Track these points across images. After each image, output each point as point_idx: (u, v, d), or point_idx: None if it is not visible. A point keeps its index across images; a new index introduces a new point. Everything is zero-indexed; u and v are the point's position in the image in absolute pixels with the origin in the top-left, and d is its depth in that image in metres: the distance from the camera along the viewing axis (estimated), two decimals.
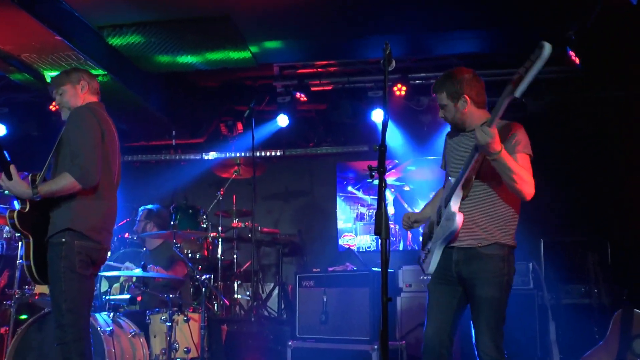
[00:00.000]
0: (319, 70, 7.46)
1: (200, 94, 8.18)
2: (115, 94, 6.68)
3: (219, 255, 6.86)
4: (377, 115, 7.36)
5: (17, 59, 6.11)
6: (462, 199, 3.31)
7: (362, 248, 7.91)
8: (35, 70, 6.31)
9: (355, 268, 5.85)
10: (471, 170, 3.24)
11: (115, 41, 6.25)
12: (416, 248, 7.64)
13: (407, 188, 7.84)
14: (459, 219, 3.25)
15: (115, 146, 3.85)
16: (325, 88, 7.59)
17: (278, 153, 8.29)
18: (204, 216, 6.81)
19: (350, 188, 8.13)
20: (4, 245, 6.23)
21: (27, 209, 3.65)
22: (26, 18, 5.22)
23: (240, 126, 8.13)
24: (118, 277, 5.82)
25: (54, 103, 7.90)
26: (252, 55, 6.51)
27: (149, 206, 6.19)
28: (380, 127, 3.05)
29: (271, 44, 6.46)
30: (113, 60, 6.38)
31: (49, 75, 6.33)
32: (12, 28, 5.43)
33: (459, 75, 3.38)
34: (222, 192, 7.14)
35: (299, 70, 7.46)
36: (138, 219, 6.17)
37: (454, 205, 3.28)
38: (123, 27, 6.05)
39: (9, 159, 3.61)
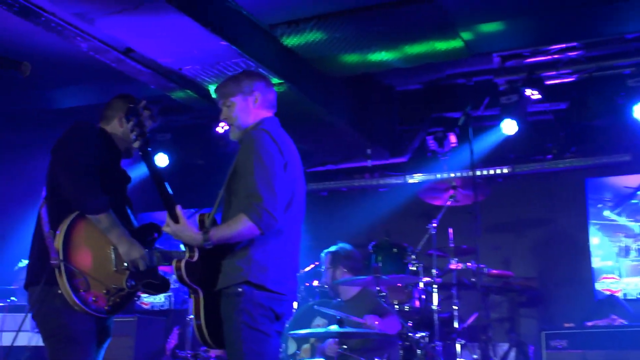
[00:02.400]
0: (554, 57, 7.25)
1: (399, 101, 8.26)
2: (294, 106, 6.84)
3: (434, 307, 6.70)
4: None
5: (177, 74, 6.46)
6: None
7: (631, 295, 7.70)
8: (199, 86, 6.64)
9: (624, 322, 5.68)
10: None
11: (291, 41, 6.40)
12: None
13: None
14: None
15: (298, 174, 3.92)
16: (565, 80, 7.50)
17: (505, 170, 8.29)
18: (413, 256, 6.73)
19: (607, 213, 8.01)
20: (172, 299, 6.53)
21: (195, 258, 3.74)
22: (186, 22, 5.46)
23: (453, 138, 8.10)
24: (307, 336, 5.90)
25: (221, 124, 8.33)
26: (465, 43, 6.51)
27: (332, 248, 6.31)
28: None
29: (488, 27, 6.39)
30: (289, 65, 6.54)
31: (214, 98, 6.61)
32: (170, 36, 5.73)
33: None
34: (434, 225, 6.98)
35: (528, 60, 7.33)
36: (324, 266, 6.30)
37: None
38: (300, 23, 6.19)
39: (173, 199, 3.73)
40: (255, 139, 3.74)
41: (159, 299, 8.74)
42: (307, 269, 7.10)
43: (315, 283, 6.76)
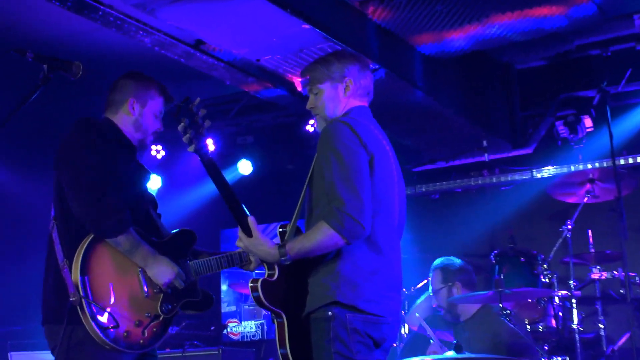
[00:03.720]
0: None
1: (519, 81, 8.21)
2: (392, 95, 6.85)
3: (574, 326, 6.56)
4: None
5: (255, 66, 6.53)
6: None
7: None
8: (281, 78, 6.70)
9: None
10: None
11: (385, 18, 6.39)
12: None
13: None
14: None
15: (393, 174, 3.89)
16: None
17: None
18: (544, 265, 6.66)
19: None
20: (264, 327, 6.60)
21: (275, 277, 3.76)
22: (262, 6, 5.49)
23: (588, 122, 7.95)
24: None
25: (311, 122, 8.36)
26: (597, 5, 6.43)
27: (440, 263, 6.25)
28: None
29: None
30: (385, 47, 6.52)
31: (301, 81, 6.63)
32: (244, 23, 5.78)
33: None
34: (569, 227, 6.85)
35: None
36: (434, 287, 6.25)
37: None
38: None
39: (245, 210, 3.74)
40: (331, 132, 3.72)
41: (250, 327, 8.85)
42: (419, 285, 7.06)
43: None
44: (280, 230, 3.81)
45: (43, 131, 8.41)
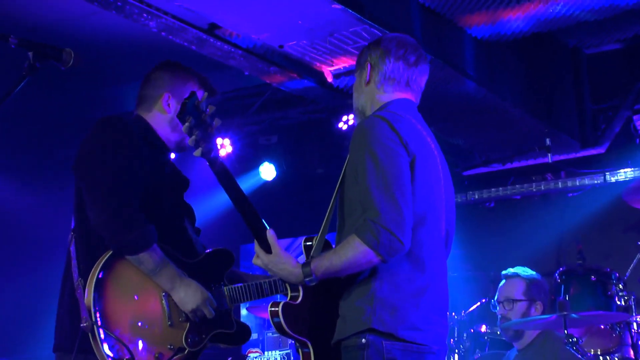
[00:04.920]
0: None
1: (589, 68, 8.22)
2: (440, 86, 6.83)
3: None
4: None
5: (278, 53, 6.53)
6: None
7: None
8: (308, 67, 6.70)
9: None
10: None
11: None
12: None
13: None
14: None
15: (440, 178, 3.85)
16: None
17: None
18: (620, 285, 6.51)
19: None
20: (291, 357, 6.58)
21: (299, 299, 3.76)
22: None
23: None
24: None
25: (345, 117, 8.34)
26: None
27: (526, 271, 6.21)
28: None
29: None
30: (430, 31, 6.53)
31: (331, 71, 6.63)
32: (266, 3, 5.79)
33: None
34: None
35: None
36: (508, 295, 6.18)
37: None
38: None
39: (263, 222, 3.70)
40: (367, 130, 3.69)
41: (274, 358, 8.84)
42: (471, 309, 7.05)
43: (483, 328, 6.70)
44: (306, 244, 3.78)
45: (31, 129, 8.48)
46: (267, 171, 9.00)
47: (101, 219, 3.71)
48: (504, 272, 6.35)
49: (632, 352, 6.44)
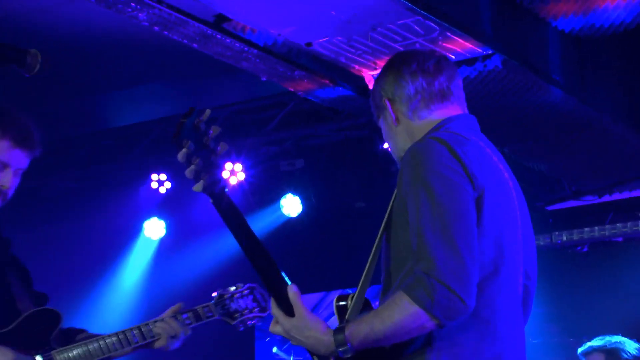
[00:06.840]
0: None
1: None
2: (512, 94, 6.79)
3: None
4: None
5: (304, 53, 6.58)
6: None
7: None
8: (344, 71, 6.71)
9: None
10: None
11: None
12: None
13: None
14: None
15: (516, 217, 3.88)
16: None
17: None
18: None
19: None
20: None
21: None
22: None
23: None
24: None
25: None
26: None
27: (602, 342, 6.42)
28: None
29: None
30: (501, 23, 6.55)
31: (374, 75, 6.61)
32: None
33: None
34: None
35: None
36: None
37: None
38: None
39: (283, 276, 3.68)
40: (420, 155, 3.69)
41: None
42: None
43: None
44: (339, 304, 3.80)
45: None
46: (291, 205, 9.02)
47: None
48: (580, 349, 6.50)
49: None
